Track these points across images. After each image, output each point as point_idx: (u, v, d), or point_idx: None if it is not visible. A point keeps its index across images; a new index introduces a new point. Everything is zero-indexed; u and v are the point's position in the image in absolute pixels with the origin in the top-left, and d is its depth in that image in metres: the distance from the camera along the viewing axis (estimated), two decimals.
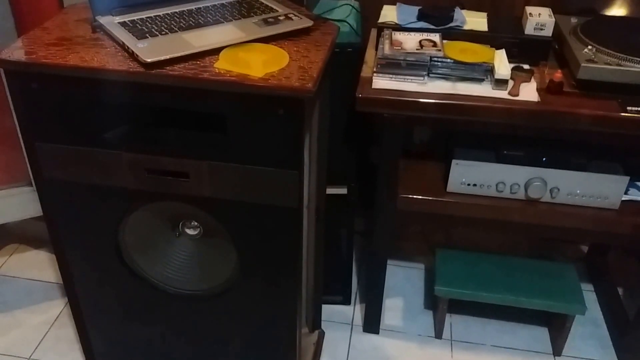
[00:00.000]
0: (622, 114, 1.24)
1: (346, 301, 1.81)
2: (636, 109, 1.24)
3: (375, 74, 1.36)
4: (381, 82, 1.34)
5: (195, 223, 1.23)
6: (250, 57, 1.03)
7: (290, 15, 1.18)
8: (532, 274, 1.68)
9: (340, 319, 1.77)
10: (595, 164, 1.44)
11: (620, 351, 1.68)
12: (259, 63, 1.01)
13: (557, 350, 1.67)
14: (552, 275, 1.67)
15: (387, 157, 1.43)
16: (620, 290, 1.86)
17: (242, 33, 1.11)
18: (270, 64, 1.01)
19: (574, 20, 1.46)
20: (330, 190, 1.59)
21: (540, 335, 1.73)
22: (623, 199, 1.44)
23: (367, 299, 1.73)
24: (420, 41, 1.39)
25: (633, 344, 1.62)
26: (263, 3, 1.25)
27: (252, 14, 1.19)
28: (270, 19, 1.17)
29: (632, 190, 1.48)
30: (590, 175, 1.40)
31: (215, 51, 1.05)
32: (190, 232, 1.26)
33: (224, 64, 1.01)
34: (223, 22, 1.15)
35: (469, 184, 1.47)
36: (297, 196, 1.05)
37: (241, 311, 1.24)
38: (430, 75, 1.36)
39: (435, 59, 1.35)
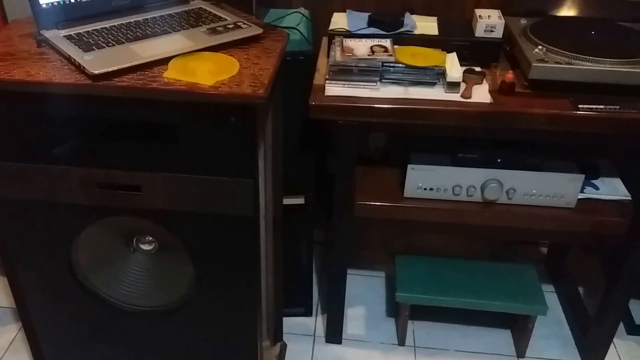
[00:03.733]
0: (574, 112, 1.31)
1: (308, 312, 1.84)
2: (588, 106, 1.32)
3: (327, 81, 1.40)
4: (334, 89, 1.39)
5: (150, 238, 1.25)
6: (199, 66, 1.06)
7: (240, 24, 1.21)
8: (493, 276, 1.74)
9: (302, 331, 1.80)
10: (550, 163, 1.52)
11: (583, 350, 1.75)
12: (208, 71, 1.04)
13: (520, 352, 1.74)
14: (513, 277, 1.74)
15: (343, 164, 1.47)
16: (580, 290, 1.94)
17: (191, 42, 1.14)
18: (220, 72, 1.04)
19: (523, 21, 1.54)
20: (287, 201, 1.63)
21: (503, 337, 1.80)
22: (579, 197, 1.51)
23: (328, 309, 1.76)
24: (371, 47, 1.44)
25: (595, 342, 1.70)
26: (212, 12, 1.28)
27: (200, 23, 1.22)
28: (219, 28, 1.20)
29: (588, 189, 1.56)
30: (545, 175, 1.48)
31: (164, 61, 1.08)
32: (145, 247, 1.26)
33: (173, 74, 1.04)
34: (171, 32, 1.18)
35: (425, 189, 1.52)
36: (253, 205, 1.08)
37: (201, 325, 1.26)
38: (383, 80, 1.41)
39: (387, 64, 1.40)
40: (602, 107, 1.31)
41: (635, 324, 1.86)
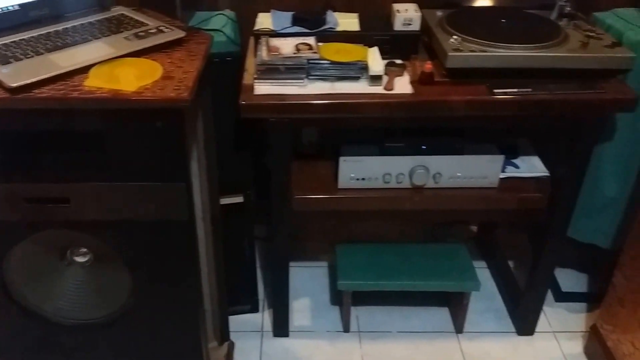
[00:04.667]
0: (490, 97, 1.35)
1: (254, 309, 1.82)
2: (502, 90, 1.35)
3: (256, 81, 1.39)
4: (263, 88, 1.37)
5: (84, 249, 1.19)
6: (121, 72, 1.02)
7: (162, 28, 1.18)
8: (428, 257, 1.78)
9: (250, 327, 1.78)
10: (471, 146, 1.56)
11: (516, 320, 1.82)
12: (131, 77, 1.00)
13: (458, 327, 1.78)
14: (446, 257, 1.78)
15: (277, 160, 1.46)
16: (510, 263, 2.01)
17: (112, 49, 1.10)
18: (143, 77, 1.00)
19: (439, 13, 1.56)
20: (226, 200, 1.60)
21: (441, 315, 1.84)
22: (501, 176, 1.56)
23: (274, 303, 1.75)
24: (296, 45, 1.43)
25: (526, 311, 1.77)
26: (133, 18, 1.24)
27: (122, 29, 1.18)
28: (140, 33, 1.16)
29: (509, 168, 1.61)
30: (468, 158, 1.52)
31: (85, 69, 1.03)
32: (79, 259, 1.21)
33: (94, 82, 1.00)
34: (92, 40, 1.13)
35: (358, 179, 1.53)
36: (187, 209, 1.05)
37: (144, 333, 1.22)
38: (310, 77, 1.40)
39: (312, 61, 1.39)
40: (515, 90, 1.35)
41: (562, 291, 1.94)
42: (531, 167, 1.62)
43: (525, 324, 1.78)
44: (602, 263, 1.79)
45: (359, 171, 1.53)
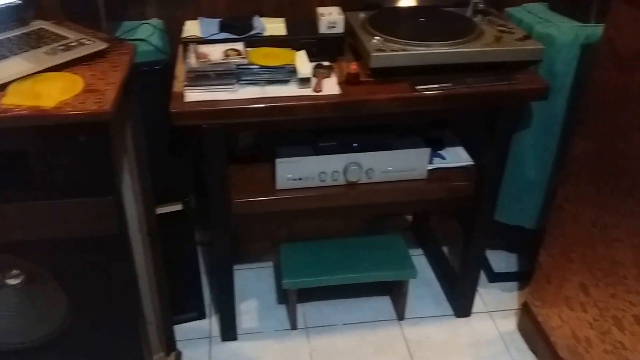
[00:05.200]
0: (413, 93, 1.36)
1: (201, 315, 1.78)
2: (424, 87, 1.37)
3: (186, 88, 1.35)
4: (193, 95, 1.33)
5: (16, 271, 1.12)
6: (41, 88, 0.96)
7: (83, 41, 1.12)
8: (367, 249, 1.78)
9: (198, 335, 1.73)
10: (400, 141, 1.57)
11: (453, 302, 1.85)
12: (51, 92, 0.95)
13: (400, 315, 1.80)
14: (384, 248, 1.79)
15: (212, 165, 1.42)
16: (445, 249, 2.05)
17: (31, 64, 1.04)
18: (64, 91, 0.95)
19: (362, 15, 1.57)
20: (165, 209, 1.55)
21: (384, 304, 1.85)
22: (429, 168, 1.59)
23: (220, 308, 1.71)
24: (225, 51, 1.40)
25: (461, 294, 1.80)
26: (53, 32, 1.18)
27: (41, 44, 1.12)
28: (61, 47, 1.10)
29: (436, 159, 1.64)
30: (397, 153, 1.53)
31: (3, 87, 0.97)
32: (11, 281, 1.14)
33: (12, 99, 0.94)
34: (10, 57, 1.07)
35: (295, 179, 1.52)
36: (119, 222, 1.00)
37: (84, 352, 1.16)
38: (240, 82, 1.38)
39: (242, 66, 1.37)
40: (436, 86, 1.37)
41: (494, 272, 1.99)
42: (456, 157, 1.65)
43: (462, 306, 1.82)
44: (529, 243, 1.85)
45: (296, 171, 1.51)
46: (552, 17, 1.55)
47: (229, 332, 1.71)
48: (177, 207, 1.57)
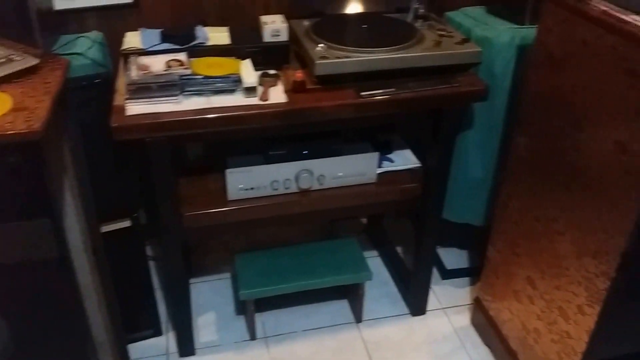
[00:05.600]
0: (358, 99, 1.35)
1: (157, 332, 1.70)
2: (369, 93, 1.36)
3: (127, 101, 1.29)
4: (135, 108, 1.28)
5: None
6: None
7: (13, 57, 1.05)
8: (323, 254, 1.76)
9: (154, 352, 1.66)
10: (349, 147, 1.55)
11: (408, 301, 1.85)
12: None
13: (357, 317, 1.78)
14: (340, 252, 1.77)
15: (159, 179, 1.37)
16: (399, 249, 2.05)
17: None
18: None
19: (306, 22, 1.54)
20: (112, 226, 1.49)
21: (342, 307, 1.83)
22: (378, 172, 1.57)
23: (177, 324, 1.65)
24: (167, 62, 1.35)
25: (416, 293, 1.80)
26: None
27: None
28: None
29: (385, 163, 1.63)
30: (346, 158, 1.51)
31: None
32: None
33: None
34: None
35: (246, 189, 1.48)
36: (58, 245, 0.94)
37: None
38: (184, 93, 1.33)
39: (185, 77, 1.32)
40: (381, 91, 1.36)
41: (447, 269, 2.00)
42: (404, 159, 1.65)
43: (417, 305, 1.82)
44: (479, 239, 1.87)
45: (247, 181, 1.47)
46: (490, 20, 1.57)
47: (186, 347, 1.65)
48: (125, 223, 1.51)
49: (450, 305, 1.86)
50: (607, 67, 1.08)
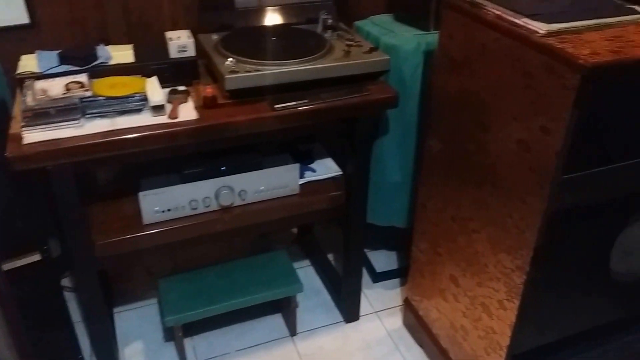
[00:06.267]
0: (272, 112, 1.32)
1: None
2: (282, 105, 1.33)
3: (24, 129, 1.19)
4: (33, 136, 1.18)
5: None
6: None
7: None
8: (252, 270, 1.71)
9: None
10: (269, 160, 1.52)
11: (342, 308, 1.83)
12: None
13: (292, 330, 1.74)
14: (269, 266, 1.73)
15: (66, 209, 1.27)
16: (330, 257, 2.03)
17: None
18: None
19: (215, 37, 1.50)
20: (19, 262, 1.37)
21: (275, 322, 1.78)
22: (301, 182, 1.54)
23: (100, 356, 1.55)
24: (66, 85, 1.27)
25: (348, 299, 1.78)
26: None
27: None
28: None
29: (307, 173, 1.60)
30: (267, 172, 1.47)
31: None
32: None
33: None
34: None
35: (163, 211, 1.41)
36: None
37: None
38: (87, 116, 1.25)
39: (86, 99, 1.24)
40: (294, 103, 1.33)
41: (377, 272, 2.00)
42: (326, 168, 1.63)
43: (350, 311, 1.80)
44: (405, 240, 1.88)
45: (163, 203, 1.40)
46: (397, 28, 1.58)
47: None
48: (35, 257, 1.39)
49: (382, 309, 1.86)
50: (505, 69, 1.10)
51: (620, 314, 1.45)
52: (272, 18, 1.60)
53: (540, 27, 1.04)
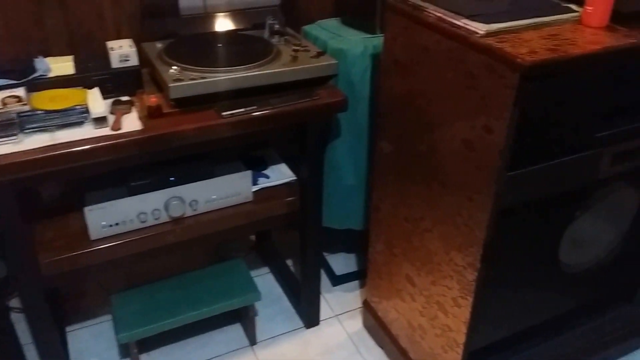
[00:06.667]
0: (220, 120, 1.29)
1: None
2: (230, 112, 1.30)
3: None
4: None
5: None
6: None
7: None
8: (208, 281, 1.67)
9: None
10: (220, 167, 1.49)
11: (302, 314, 1.81)
12: None
13: (251, 340, 1.71)
14: (226, 275, 1.69)
15: (7, 228, 1.21)
16: (289, 262, 2.01)
17: None
18: None
19: (159, 45, 1.46)
20: None
21: (235, 332, 1.75)
22: (254, 190, 1.52)
23: None
24: (2, 100, 1.21)
25: (307, 304, 1.77)
26: None
27: None
28: None
29: (260, 180, 1.58)
30: (218, 180, 1.44)
31: None
32: None
33: None
34: None
35: (111, 225, 1.36)
36: None
37: None
38: (25, 131, 1.19)
39: (23, 114, 1.19)
40: (242, 110, 1.31)
41: (336, 275, 1.99)
42: (280, 174, 1.61)
43: (310, 316, 1.78)
44: (363, 242, 1.88)
45: (110, 217, 1.35)
46: (344, 32, 1.58)
47: None
48: None
49: (343, 312, 1.85)
50: (447, 70, 1.11)
51: (571, 304, 1.49)
52: (219, 24, 1.57)
53: (480, 28, 1.05)
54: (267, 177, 1.60)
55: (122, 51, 1.34)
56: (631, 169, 1.26)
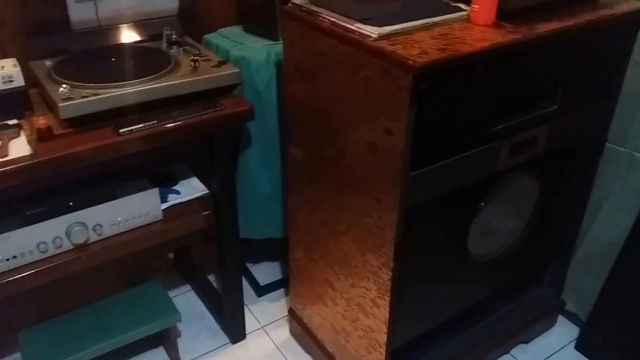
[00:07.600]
0: (118, 138, 1.23)
1: None
2: (128, 129, 1.24)
3: None
4: None
5: None
6: None
7: None
8: (123, 306, 1.59)
9: None
10: (123, 187, 1.41)
11: (227, 329, 1.76)
12: None
13: None
14: (142, 298, 1.62)
15: None
16: (211, 278, 1.95)
17: None
18: None
19: (48, 62, 1.37)
20: None
21: (158, 356, 1.68)
22: (163, 207, 1.46)
23: None
24: None
25: (232, 319, 1.72)
26: None
27: None
28: None
29: (170, 196, 1.52)
30: (123, 201, 1.37)
31: None
32: None
33: None
34: None
35: (7, 259, 1.26)
36: None
37: None
38: None
39: None
40: (141, 125, 1.25)
41: (261, 285, 1.96)
42: (192, 189, 1.56)
43: (235, 331, 1.74)
44: (284, 250, 1.86)
45: (6, 250, 1.25)
46: (246, 39, 1.56)
47: None
48: None
49: (269, 322, 1.82)
50: (345, 75, 1.12)
51: (485, 293, 1.54)
52: (114, 38, 1.50)
53: (372, 31, 1.06)
54: (177, 192, 1.54)
55: (4, 72, 1.24)
56: (528, 159, 1.32)
